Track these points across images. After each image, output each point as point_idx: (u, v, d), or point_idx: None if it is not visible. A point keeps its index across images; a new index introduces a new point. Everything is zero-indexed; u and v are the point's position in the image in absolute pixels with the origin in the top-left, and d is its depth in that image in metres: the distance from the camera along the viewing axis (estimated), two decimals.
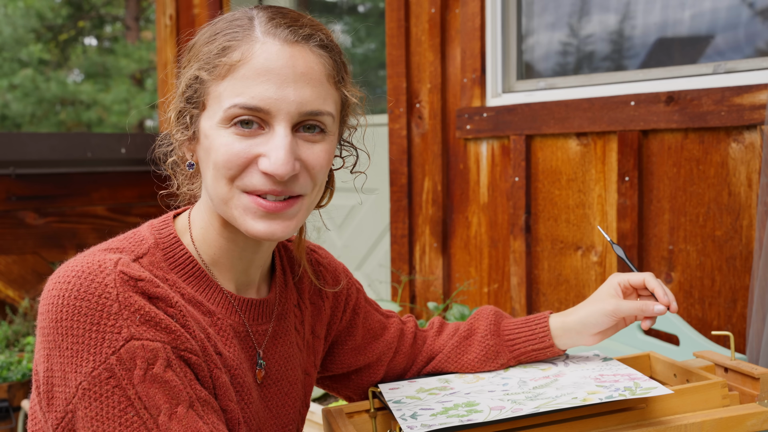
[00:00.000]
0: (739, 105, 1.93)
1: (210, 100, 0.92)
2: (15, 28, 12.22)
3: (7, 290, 3.82)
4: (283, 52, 0.90)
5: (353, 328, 1.24)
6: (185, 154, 0.99)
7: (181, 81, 0.96)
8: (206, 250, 1.00)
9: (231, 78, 0.90)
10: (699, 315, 2.06)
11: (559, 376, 1.15)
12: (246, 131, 0.90)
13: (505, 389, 1.12)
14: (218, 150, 0.91)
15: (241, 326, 1.02)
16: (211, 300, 0.99)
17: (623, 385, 1.06)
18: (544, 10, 2.58)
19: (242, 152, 0.91)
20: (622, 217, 2.19)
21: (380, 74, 3.72)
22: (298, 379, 1.12)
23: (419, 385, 1.19)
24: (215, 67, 0.91)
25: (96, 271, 0.85)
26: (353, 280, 1.28)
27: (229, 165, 0.91)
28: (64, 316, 0.83)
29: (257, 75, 0.89)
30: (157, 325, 0.86)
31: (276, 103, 0.89)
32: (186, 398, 0.85)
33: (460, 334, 1.27)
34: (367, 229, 3.31)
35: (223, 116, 0.90)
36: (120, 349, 0.82)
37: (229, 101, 0.90)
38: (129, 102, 12.34)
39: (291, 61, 0.90)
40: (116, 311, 0.84)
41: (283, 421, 1.09)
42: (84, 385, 0.82)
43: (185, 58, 0.98)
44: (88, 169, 4.13)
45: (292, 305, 1.13)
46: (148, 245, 0.96)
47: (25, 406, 2.98)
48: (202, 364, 0.90)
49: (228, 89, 0.90)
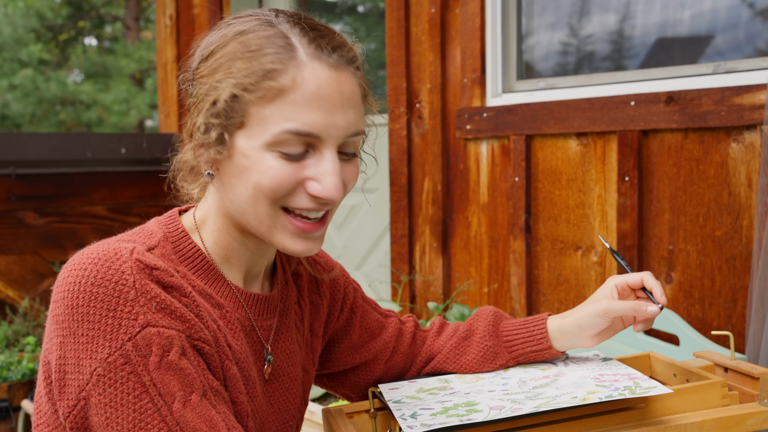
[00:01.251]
0: (739, 105, 1.93)
1: (251, 120, 0.90)
2: (15, 28, 12.22)
3: (7, 290, 3.82)
4: (331, 78, 0.90)
5: (350, 327, 1.25)
6: (202, 164, 0.97)
7: (209, 93, 0.93)
8: (217, 251, 1.02)
9: (280, 102, 0.89)
10: (699, 315, 2.06)
11: (558, 376, 1.15)
12: (294, 158, 0.90)
13: (504, 389, 1.12)
14: (264, 173, 0.90)
15: (247, 321, 1.03)
16: (219, 293, 1.00)
17: (623, 385, 1.06)
18: (544, 10, 2.58)
19: (291, 177, 0.91)
20: (622, 217, 2.19)
21: (380, 74, 3.72)
22: (298, 376, 1.13)
23: (419, 385, 1.20)
24: (260, 89, 0.89)
25: (113, 258, 0.86)
26: (350, 279, 1.28)
27: (277, 189, 0.91)
28: (81, 302, 0.84)
29: (308, 101, 0.89)
30: (172, 314, 0.86)
31: (327, 129, 0.90)
32: (200, 386, 0.86)
33: (459, 334, 1.28)
34: (367, 229, 3.31)
35: (270, 140, 0.89)
36: (136, 336, 0.83)
37: (278, 126, 0.89)
38: (129, 102, 12.34)
39: (338, 87, 0.91)
40: (133, 298, 0.84)
41: (285, 417, 1.10)
42: (99, 371, 0.82)
43: (206, 66, 0.95)
44: (88, 169, 4.13)
45: (292, 302, 1.14)
46: (158, 238, 0.97)
47: (25, 406, 2.98)
48: (214, 355, 0.91)
49: (276, 113, 0.89)
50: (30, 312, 3.78)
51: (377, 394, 1.17)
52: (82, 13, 13.50)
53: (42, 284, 3.96)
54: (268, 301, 1.07)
